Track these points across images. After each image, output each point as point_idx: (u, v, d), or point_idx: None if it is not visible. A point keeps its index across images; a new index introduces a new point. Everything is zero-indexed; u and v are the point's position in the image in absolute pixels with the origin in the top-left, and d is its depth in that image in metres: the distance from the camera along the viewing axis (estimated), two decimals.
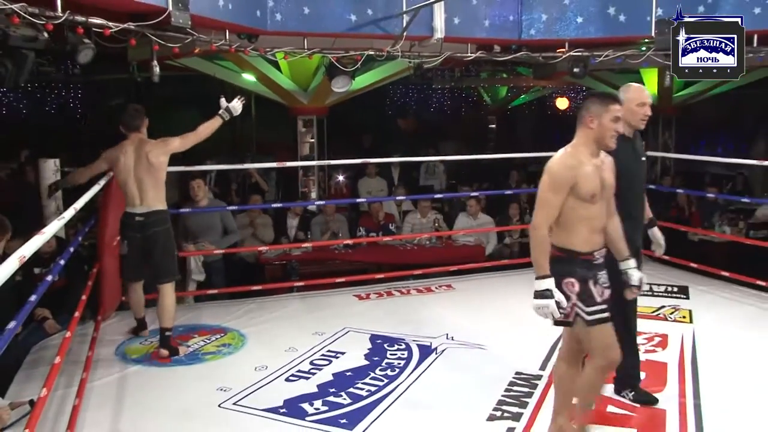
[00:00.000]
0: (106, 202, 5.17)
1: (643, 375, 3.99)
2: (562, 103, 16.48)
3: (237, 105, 4.97)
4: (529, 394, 3.93)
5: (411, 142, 15.73)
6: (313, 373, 4.29)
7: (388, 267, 7.20)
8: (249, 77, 9.86)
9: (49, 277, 3.61)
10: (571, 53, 6.70)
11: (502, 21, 6.75)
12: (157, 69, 5.49)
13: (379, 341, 4.87)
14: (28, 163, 9.08)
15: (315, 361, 4.49)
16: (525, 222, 8.47)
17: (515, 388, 4.03)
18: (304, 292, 6.44)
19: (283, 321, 5.48)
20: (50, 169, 5.59)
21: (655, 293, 5.97)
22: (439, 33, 6.22)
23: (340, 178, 10.88)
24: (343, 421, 3.63)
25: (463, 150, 13.98)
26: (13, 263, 2.41)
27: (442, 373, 4.32)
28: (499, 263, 7.36)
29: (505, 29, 6.78)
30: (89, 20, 4.45)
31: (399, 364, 4.43)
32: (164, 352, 4.68)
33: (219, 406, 3.85)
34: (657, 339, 4.78)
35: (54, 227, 3.23)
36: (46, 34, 4.15)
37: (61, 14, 4.17)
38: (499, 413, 3.70)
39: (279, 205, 8.49)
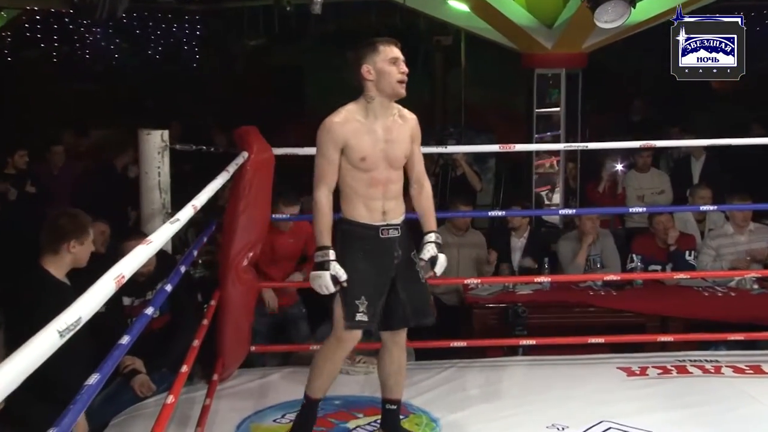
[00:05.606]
0: (236, 198, 5.47)
1: None
2: None
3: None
4: None
5: (724, 112, 15.16)
6: None
7: (681, 324, 7.06)
8: (459, 5, 10.05)
9: (149, 311, 3.82)
10: None
11: None
12: None
13: None
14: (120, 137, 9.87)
15: None
16: None
17: None
18: (535, 355, 6.46)
19: (499, 401, 5.50)
20: (155, 145, 5.99)
21: None
22: None
23: (616, 169, 10.55)
24: None
25: None
26: (108, 286, 2.53)
27: None
28: None
29: None
30: None
31: None
32: None
33: None
34: None
35: (165, 234, 3.43)
36: None
37: None
38: None
39: (499, 213, 8.50)
